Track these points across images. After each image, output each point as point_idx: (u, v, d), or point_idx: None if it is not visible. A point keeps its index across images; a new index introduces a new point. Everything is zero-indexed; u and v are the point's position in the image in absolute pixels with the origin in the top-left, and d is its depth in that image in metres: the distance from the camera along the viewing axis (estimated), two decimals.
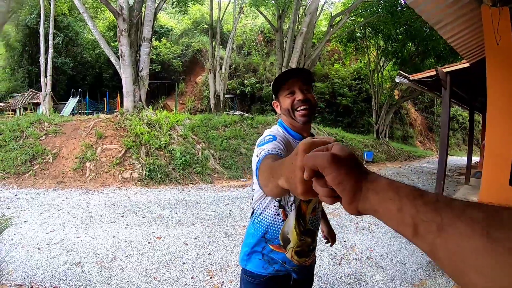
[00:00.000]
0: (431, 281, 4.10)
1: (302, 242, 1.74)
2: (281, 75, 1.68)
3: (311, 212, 1.75)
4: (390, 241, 5.48)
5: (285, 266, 1.75)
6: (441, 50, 16.19)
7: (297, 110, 1.67)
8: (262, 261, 1.77)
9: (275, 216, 1.73)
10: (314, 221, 1.79)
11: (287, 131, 1.74)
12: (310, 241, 1.78)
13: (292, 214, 1.70)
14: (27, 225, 5.26)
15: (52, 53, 17.43)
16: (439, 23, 4.61)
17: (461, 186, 10.98)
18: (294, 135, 1.73)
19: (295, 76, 1.71)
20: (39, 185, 7.80)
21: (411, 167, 16.09)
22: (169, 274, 3.89)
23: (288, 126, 1.76)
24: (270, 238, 1.75)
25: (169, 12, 31.66)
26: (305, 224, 1.74)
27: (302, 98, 1.65)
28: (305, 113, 1.67)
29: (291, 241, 1.72)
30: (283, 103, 1.71)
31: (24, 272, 3.72)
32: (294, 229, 1.71)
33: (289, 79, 1.69)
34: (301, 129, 1.74)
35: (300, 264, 1.77)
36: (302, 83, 1.69)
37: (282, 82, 1.70)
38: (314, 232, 1.81)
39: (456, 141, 31.90)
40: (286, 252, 1.73)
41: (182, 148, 10.10)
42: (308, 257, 1.81)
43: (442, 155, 7.79)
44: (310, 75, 1.75)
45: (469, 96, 10.47)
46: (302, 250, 1.75)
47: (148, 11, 11.24)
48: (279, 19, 16.49)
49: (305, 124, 1.71)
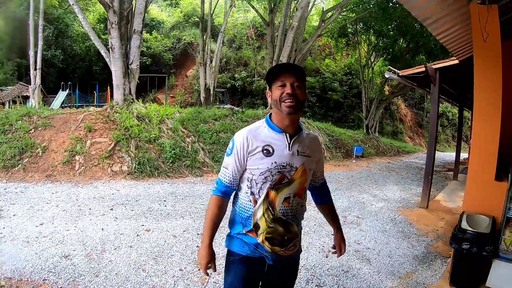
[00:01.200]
0: (417, 274, 4.20)
1: (272, 229, 1.86)
2: (277, 67, 1.87)
3: (283, 201, 1.86)
4: (378, 234, 5.58)
5: (258, 251, 1.90)
6: (431, 47, 16.26)
7: (284, 101, 1.79)
8: (240, 241, 1.94)
9: (247, 202, 1.91)
10: (287, 211, 1.88)
11: (270, 126, 1.90)
12: (282, 230, 1.87)
13: (261, 200, 1.85)
14: (16, 219, 5.26)
15: (41, 46, 17.19)
16: (428, 19, 4.68)
17: (449, 181, 11.16)
18: (278, 130, 1.87)
19: (290, 72, 1.83)
20: (28, 179, 7.77)
21: (400, 162, 16.27)
22: (157, 266, 3.95)
23: (273, 122, 1.90)
24: (245, 223, 1.92)
25: (161, 5, 31.45)
26: (274, 212, 1.85)
27: (290, 92, 1.78)
28: (290, 105, 1.78)
29: (261, 226, 1.86)
30: (274, 94, 1.85)
31: (13, 265, 3.74)
32: (262, 215, 1.85)
33: (284, 73, 1.83)
34: (285, 125, 1.87)
35: (273, 252, 1.89)
36: (295, 79, 1.82)
37: (277, 74, 1.84)
38: (287, 222, 1.90)
39: (446, 137, 32.25)
40: (258, 237, 1.87)
41: (171, 142, 10.11)
42: (283, 247, 1.90)
43: (431, 150, 7.92)
44: (303, 74, 1.88)
45: (458, 93, 10.62)
46: (273, 238, 1.86)
47: (138, 4, 11.16)
48: (270, 13, 16.46)
49: (289, 115, 1.82)
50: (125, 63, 10.92)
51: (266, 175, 1.83)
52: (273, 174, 1.83)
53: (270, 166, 1.82)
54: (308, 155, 1.93)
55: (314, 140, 2.04)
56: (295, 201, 1.91)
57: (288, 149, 1.85)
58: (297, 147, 1.89)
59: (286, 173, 1.85)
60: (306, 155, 1.92)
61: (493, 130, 3.82)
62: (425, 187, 7.56)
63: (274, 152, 1.83)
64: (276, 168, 1.83)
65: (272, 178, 1.83)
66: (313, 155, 1.98)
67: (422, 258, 4.70)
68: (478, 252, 3.45)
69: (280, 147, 1.85)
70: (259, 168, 1.83)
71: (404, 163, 16.21)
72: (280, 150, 1.84)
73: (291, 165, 1.85)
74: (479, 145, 4.05)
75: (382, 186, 9.64)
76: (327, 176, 10.62)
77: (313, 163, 1.99)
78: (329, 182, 7.95)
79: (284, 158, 1.84)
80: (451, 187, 9.90)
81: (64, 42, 23.96)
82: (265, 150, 1.83)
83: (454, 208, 7.41)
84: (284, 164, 1.84)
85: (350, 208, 7.10)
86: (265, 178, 1.83)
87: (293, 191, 1.88)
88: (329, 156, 14.52)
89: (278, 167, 1.83)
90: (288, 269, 2.07)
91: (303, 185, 1.93)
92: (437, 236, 5.65)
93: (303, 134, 1.95)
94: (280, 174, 1.83)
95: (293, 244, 1.96)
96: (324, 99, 23.36)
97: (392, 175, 11.99)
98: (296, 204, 1.92)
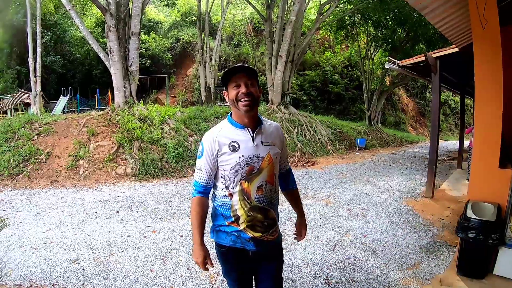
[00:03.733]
0: (424, 264, 4.21)
1: (251, 217, 2.03)
2: (230, 69, 2.00)
3: (256, 190, 2.03)
4: (384, 226, 5.58)
5: (241, 238, 2.07)
6: (431, 36, 16.15)
7: (240, 101, 1.98)
8: (223, 233, 2.12)
9: (224, 198, 2.08)
10: (261, 198, 2.05)
11: (232, 124, 2.09)
12: (261, 217, 2.05)
13: (236, 193, 2.03)
14: (24, 226, 5.29)
15: (40, 52, 17.30)
16: (426, 8, 4.64)
17: (453, 170, 11.13)
18: (240, 126, 2.06)
19: (242, 72, 2.00)
20: (33, 185, 7.81)
21: (404, 153, 16.22)
22: (165, 266, 3.97)
23: (234, 119, 2.10)
24: (226, 216, 2.08)
25: (158, 6, 31.44)
26: (251, 201, 2.03)
27: (245, 91, 1.97)
28: (247, 104, 1.98)
29: (241, 217, 2.03)
30: (230, 94, 2.02)
31: (22, 272, 3.78)
32: (240, 206, 2.02)
33: (236, 74, 2.00)
34: (245, 121, 2.06)
35: (255, 238, 2.06)
36: (247, 78, 2.00)
37: (230, 76, 2.01)
38: (264, 209, 2.07)
39: (449, 126, 32.14)
40: (239, 227, 2.05)
41: (174, 141, 10.13)
42: (265, 232, 2.08)
43: (434, 140, 7.89)
44: (254, 72, 2.07)
45: (459, 81, 10.56)
46: (254, 224, 2.04)
47: (135, 6, 11.15)
48: (268, 9, 16.39)
49: (246, 113, 2.01)
50: (124, 66, 10.93)
51: (236, 168, 2.00)
52: (242, 166, 2.00)
53: (239, 160, 1.99)
54: (272, 143, 2.11)
55: (276, 129, 2.21)
56: (267, 188, 2.07)
57: (252, 141, 2.03)
58: (260, 138, 2.07)
59: (254, 163, 2.02)
60: (270, 144, 2.10)
61: (495, 118, 3.80)
62: (430, 176, 7.54)
63: (240, 146, 2.01)
64: (244, 161, 2.00)
65: (242, 170, 2.00)
66: (276, 143, 2.15)
67: (428, 248, 4.70)
68: (484, 240, 3.45)
69: (245, 141, 2.02)
70: (229, 164, 2.00)
71: (408, 153, 16.16)
72: (245, 144, 2.02)
73: (257, 156, 2.03)
74: (482, 133, 4.03)
75: (387, 177, 9.62)
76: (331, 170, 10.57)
77: (278, 150, 2.15)
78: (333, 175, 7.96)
79: (250, 151, 2.01)
80: (456, 176, 9.88)
81: (62, 48, 24.01)
82: (231, 146, 2.00)
83: (459, 196, 7.39)
84: (251, 156, 2.01)
85: (355, 201, 7.09)
86: (236, 171, 2.00)
87: (264, 179, 2.05)
88: (333, 149, 14.48)
89: (246, 159, 2.00)
90: (273, 254, 2.25)
91: (272, 172, 2.09)
92: (443, 225, 5.64)
93: (264, 125, 2.14)
94: (249, 166, 2.01)
95: (275, 230, 2.14)
96: (325, 92, 23.29)
97: (396, 165, 11.96)
98: (269, 191, 2.08)
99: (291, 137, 13.41)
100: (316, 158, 12.83)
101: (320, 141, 14.38)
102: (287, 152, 2.44)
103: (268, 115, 14.39)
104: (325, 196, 7.35)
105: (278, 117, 14.33)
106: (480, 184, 3.98)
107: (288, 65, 15.01)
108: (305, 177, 9.36)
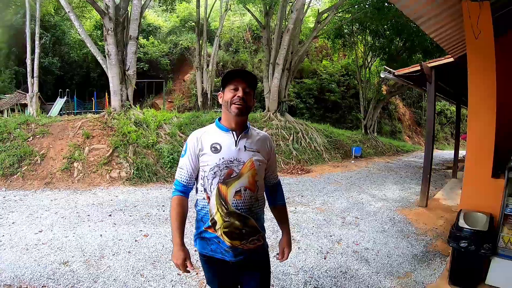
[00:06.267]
0: (416, 273, 4.20)
1: (228, 224, 1.97)
2: (233, 72, 2.01)
3: (234, 195, 1.96)
4: (376, 234, 5.57)
5: (220, 246, 2.01)
6: (427, 46, 16.26)
7: (234, 103, 1.98)
8: (203, 241, 2.09)
9: (202, 200, 2.05)
10: (239, 205, 1.98)
11: (218, 127, 2.08)
12: (238, 224, 1.98)
13: (213, 196, 1.97)
14: (16, 226, 5.26)
15: (39, 53, 17.31)
16: (421, 18, 4.70)
17: (448, 179, 11.16)
18: (225, 130, 2.05)
19: (244, 78, 2.01)
20: (27, 186, 7.77)
21: (399, 162, 16.27)
22: (155, 271, 3.95)
23: (222, 123, 2.08)
24: (204, 220, 2.04)
25: (157, 10, 31.47)
26: (227, 206, 1.96)
27: (241, 96, 1.98)
28: (238, 107, 1.98)
29: (217, 221, 1.98)
30: (226, 95, 2.02)
31: (13, 272, 3.75)
32: (217, 210, 1.97)
33: (239, 78, 2.00)
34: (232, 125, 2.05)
35: (234, 246, 2.00)
36: (246, 86, 2.01)
37: (232, 78, 2.01)
38: (242, 216, 1.99)
39: (444, 135, 32.29)
40: (217, 233, 1.99)
41: (169, 147, 10.12)
42: (243, 240, 2.01)
43: (428, 149, 7.93)
44: (255, 82, 2.09)
45: (455, 91, 10.63)
46: (231, 231, 1.97)
47: (134, 10, 11.19)
48: (266, 16, 16.48)
49: (236, 116, 2.01)
50: (122, 69, 10.94)
51: (215, 170, 1.96)
52: (221, 169, 1.96)
53: (218, 162, 1.96)
54: (257, 150, 2.07)
55: (264, 138, 2.18)
56: (246, 194, 1.99)
57: (235, 145, 2.01)
58: (244, 143, 2.04)
59: (234, 167, 1.97)
60: (254, 150, 2.06)
61: (488, 127, 3.83)
62: (424, 186, 7.56)
63: (222, 148, 1.99)
64: (224, 163, 1.96)
65: (220, 172, 1.96)
66: (262, 151, 2.10)
67: (421, 257, 4.70)
68: (476, 250, 3.46)
69: (227, 144, 2.00)
70: (208, 165, 1.98)
71: (403, 162, 16.21)
72: (227, 147, 2.00)
73: (238, 160, 1.99)
74: (475, 143, 4.05)
75: (381, 186, 9.64)
76: (326, 178, 10.54)
77: (262, 158, 2.09)
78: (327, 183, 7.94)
79: (231, 154, 1.99)
80: (450, 185, 9.91)
81: (61, 50, 23.98)
82: (213, 147, 1.99)
83: (453, 206, 7.40)
84: (231, 159, 1.98)
85: (349, 209, 7.09)
86: (214, 173, 1.96)
87: (243, 184, 1.98)
88: (328, 157, 14.52)
89: (226, 162, 1.97)
90: (257, 264, 2.17)
91: (253, 179, 2.02)
92: (436, 234, 5.65)
93: (251, 131, 2.13)
94: (228, 169, 1.96)
95: (256, 239, 2.06)
96: (322, 100, 23.39)
97: (391, 174, 11.98)
98: (248, 197, 2.00)
99: (287, 145, 13.43)
100: (311, 166, 12.85)
101: (315, 149, 14.41)
102: (275, 164, 2.35)
103: (264, 122, 14.40)
104: (319, 204, 7.35)
105: (274, 124, 14.35)
106: (473, 193, 3.99)
107: (285, 72, 15.06)
108: (299, 185, 9.36)
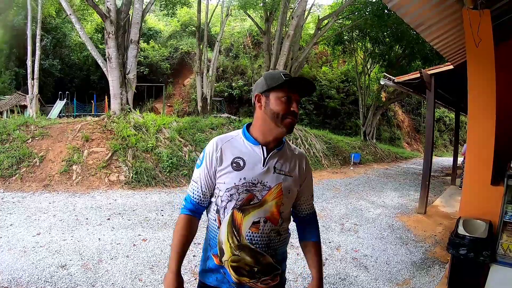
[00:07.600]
0: (415, 280, 4.20)
1: (237, 258, 1.58)
2: (294, 80, 1.60)
3: (250, 226, 1.58)
4: (375, 241, 5.57)
5: (226, 281, 1.63)
6: (427, 53, 16.37)
7: (288, 118, 1.57)
8: (209, 271, 1.70)
9: (213, 221, 1.66)
10: (255, 238, 1.59)
11: (246, 137, 1.66)
12: (250, 261, 1.59)
13: (225, 221, 1.59)
14: (14, 228, 5.24)
15: (39, 55, 17.30)
16: (421, 26, 4.71)
17: (447, 186, 11.17)
18: (254, 143, 1.63)
19: (300, 87, 1.63)
20: (25, 188, 7.75)
21: (398, 168, 16.29)
22: (154, 275, 3.93)
23: (252, 133, 1.66)
24: (212, 245, 1.66)
25: (158, 15, 31.63)
26: (240, 238, 1.58)
27: (296, 111, 1.59)
28: (292, 124, 1.59)
29: (225, 253, 1.60)
30: (275, 104, 1.57)
31: (10, 275, 3.73)
32: (227, 239, 1.59)
33: (295, 86, 1.61)
34: (268, 139, 1.63)
35: (241, 283, 1.61)
36: (299, 96, 1.62)
37: (287, 86, 1.58)
38: (256, 252, 1.59)
39: (443, 142, 32.32)
40: (223, 264, 1.62)
41: (169, 151, 10.11)
42: (253, 279, 1.61)
43: (427, 156, 7.94)
44: (311, 91, 1.70)
45: (454, 98, 10.66)
46: (240, 267, 1.59)
47: (135, 14, 11.23)
48: (266, 22, 16.56)
49: (285, 134, 1.63)
50: (122, 73, 10.95)
51: (232, 192, 1.57)
52: (239, 192, 1.56)
53: (238, 182, 1.56)
54: (288, 174, 1.64)
55: (300, 158, 1.74)
56: (266, 227, 1.59)
57: (263, 164, 1.59)
58: (275, 163, 1.62)
59: (256, 192, 1.57)
60: (286, 174, 1.64)
61: (488, 135, 3.83)
62: (423, 192, 7.57)
63: (245, 166, 1.58)
64: (244, 186, 1.56)
65: (238, 196, 1.56)
66: (295, 175, 1.68)
67: (420, 264, 4.69)
68: (475, 257, 3.45)
69: (253, 161, 1.59)
70: (225, 183, 1.58)
71: (402, 169, 16.23)
72: (252, 164, 1.59)
73: (263, 184, 1.58)
74: (474, 150, 4.05)
75: (380, 193, 9.64)
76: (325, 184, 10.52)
77: (294, 185, 1.67)
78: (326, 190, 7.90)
79: (255, 175, 1.57)
80: (449, 192, 9.92)
81: (62, 52, 24.03)
82: (234, 163, 1.59)
83: (452, 213, 7.41)
84: (254, 181, 1.57)
85: (348, 215, 7.09)
86: (230, 195, 1.57)
87: (263, 214, 1.58)
88: (327, 163, 14.53)
89: (247, 184, 1.56)
90: None
91: (278, 209, 1.61)
92: (435, 241, 5.65)
93: (285, 149, 1.69)
94: (248, 193, 1.56)
95: (271, 279, 1.65)
96: (321, 107, 23.43)
97: (390, 181, 11.99)
98: (268, 231, 1.60)
99: None
100: None
101: (314, 155, 14.42)
102: (311, 191, 1.86)
103: None
104: (318, 211, 7.25)
105: None
106: (472, 200, 3.99)
107: None
108: None
